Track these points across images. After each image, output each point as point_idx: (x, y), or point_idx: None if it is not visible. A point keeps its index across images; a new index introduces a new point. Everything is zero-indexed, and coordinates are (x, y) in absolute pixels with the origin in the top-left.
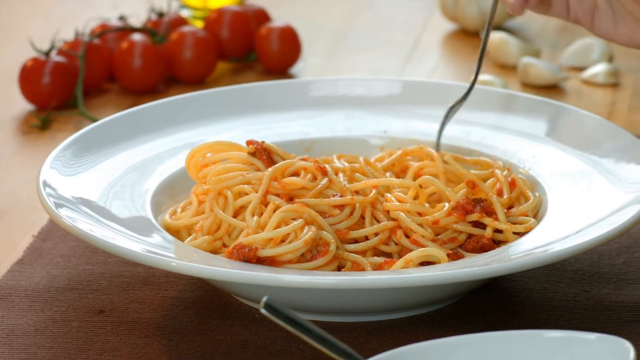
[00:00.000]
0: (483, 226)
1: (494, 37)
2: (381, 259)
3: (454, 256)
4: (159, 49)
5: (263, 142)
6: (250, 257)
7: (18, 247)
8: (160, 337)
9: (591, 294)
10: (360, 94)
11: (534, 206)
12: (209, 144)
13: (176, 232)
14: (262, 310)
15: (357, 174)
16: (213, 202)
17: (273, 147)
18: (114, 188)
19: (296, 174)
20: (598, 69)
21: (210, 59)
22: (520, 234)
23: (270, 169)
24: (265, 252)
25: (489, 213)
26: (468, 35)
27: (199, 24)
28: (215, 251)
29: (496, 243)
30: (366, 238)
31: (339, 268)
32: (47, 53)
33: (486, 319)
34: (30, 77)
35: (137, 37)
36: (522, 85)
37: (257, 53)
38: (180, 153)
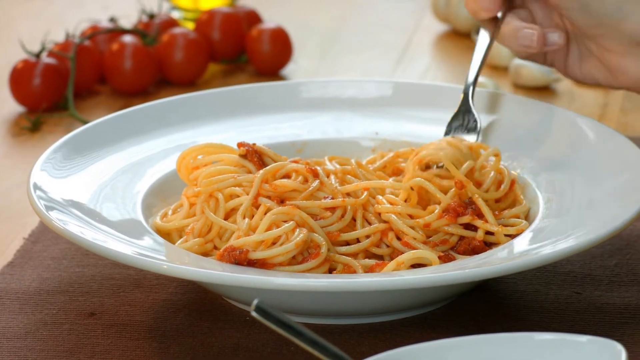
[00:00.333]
0: (475, 228)
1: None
2: (372, 262)
3: (446, 258)
4: (150, 51)
5: (254, 144)
6: (241, 260)
7: (8, 250)
8: (151, 340)
9: (583, 296)
10: (351, 96)
11: (525, 209)
12: (200, 146)
13: (167, 235)
14: (253, 313)
15: (349, 176)
16: (204, 205)
17: (264, 149)
18: (105, 190)
19: (287, 176)
20: None
21: (201, 61)
22: (511, 236)
23: (261, 171)
24: (256, 255)
25: (481, 215)
26: (460, 36)
27: (190, 26)
28: (206, 254)
29: (488, 245)
30: (357, 240)
31: (330, 270)
32: (38, 55)
33: (478, 321)
34: (20, 79)
35: (128, 39)
36: (514, 86)
37: (248, 54)
38: (171, 155)
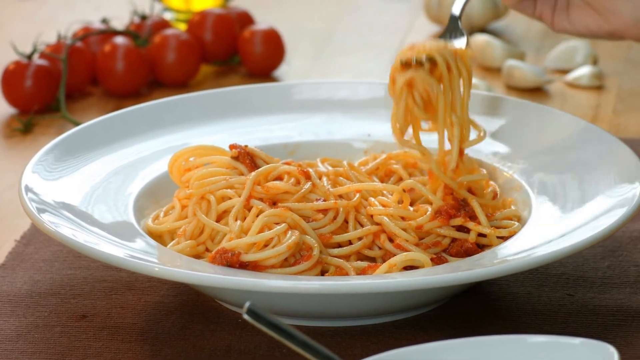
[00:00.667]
0: (467, 230)
1: (479, 40)
2: (365, 264)
3: (438, 260)
4: (142, 52)
5: (246, 146)
6: (233, 262)
7: (0, 252)
8: (143, 342)
9: (575, 298)
10: (343, 97)
11: (517, 212)
12: (192, 148)
13: (159, 237)
14: (245, 315)
15: (341, 178)
16: (196, 207)
17: (256, 151)
18: (97, 192)
19: (279, 178)
20: (582, 72)
21: (193, 62)
22: (504, 238)
23: (253, 173)
24: (248, 257)
25: (473, 217)
26: None
27: (182, 27)
28: (198, 256)
29: (480, 247)
30: (350, 242)
31: (323, 272)
32: (30, 56)
33: (470, 324)
34: (12, 81)
35: (120, 40)
36: (507, 88)
37: (241, 56)
38: (163, 157)
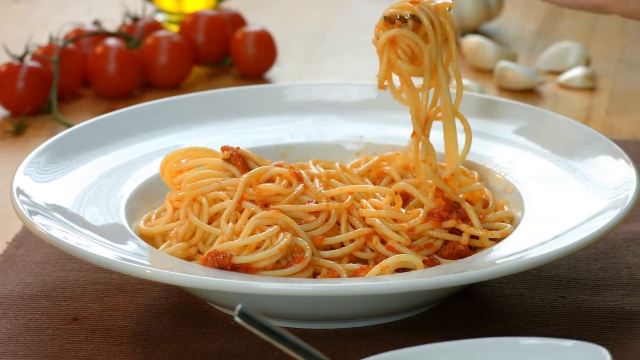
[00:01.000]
0: (459, 232)
1: (471, 41)
2: (357, 266)
3: (430, 262)
4: (134, 54)
5: (238, 148)
6: (225, 264)
7: None
8: (134, 345)
9: (568, 300)
10: (335, 99)
11: (510, 214)
12: (184, 150)
13: (150, 239)
14: (237, 318)
15: (333, 180)
16: (188, 209)
17: (248, 153)
18: (88, 194)
19: (271, 180)
20: (575, 73)
21: (185, 64)
22: (496, 240)
23: (245, 175)
24: (240, 259)
25: (465, 219)
26: None
27: (174, 29)
28: (189, 258)
29: (472, 249)
30: (342, 244)
31: (315, 275)
32: (21, 58)
33: (462, 326)
34: (4, 83)
35: (112, 42)
36: (499, 89)
37: (233, 57)
38: (154, 159)
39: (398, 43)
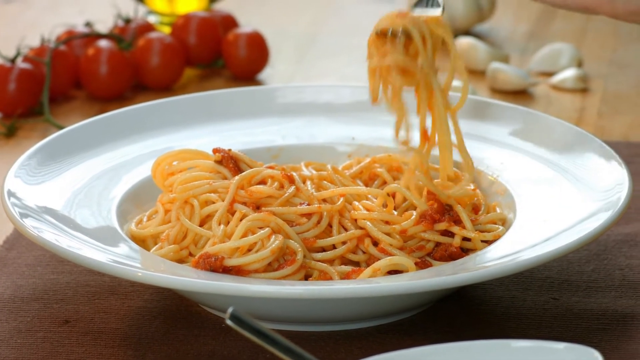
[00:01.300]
0: (452, 234)
1: (463, 43)
2: (349, 268)
3: (422, 265)
4: (126, 56)
5: (230, 150)
6: (216, 267)
7: None
8: (126, 348)
9: (560, 302)
10: (327, 101)
11: (502, 216)
12: (175, 152)
13: (142, 241)
14: (228, 321)
15: (325, 182)
16: (179, 211)
17: (240, 155)
18: (80, 197)
19: (263, 182)
20: (567, 74)
21: (177, 65)
22: (488, 242)
23: (236, 177)
24: (231, 262)
25: (458, 221)
26: None
27: (166, 30)
28: (181, 260)
29: (464, 251)
30: (334, 247)
31: (306, 277)
32: (13, 60)
33: (454, 328)
34: None
35: (104, 44)
36: (491, 90)
37: (225, 59)
38: (146, 161)
39: (391, 69)
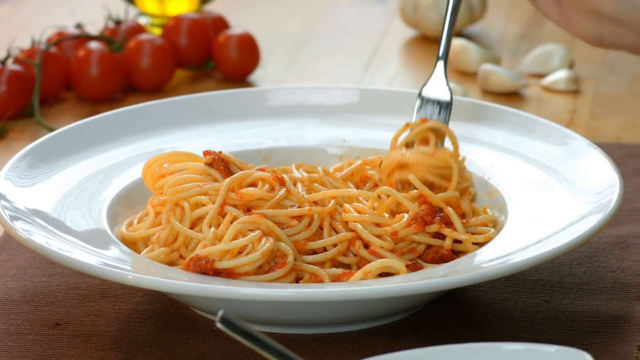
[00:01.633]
0: (443, 237)
1: (454, 44)
2: (340, 270)
3: (413, 267)
4: (117, 57)
5: (220, 152)
6: (207, 269)
7: None
8: (116, 351)
9: (552, 304)
10: (318, 103)
11: (493, 218)
12: (166, 155)
13: (132, 244)
14: (218, 324)
15: (316, 184)
16: (170, 214)
17: (230, 157)
18: (70, 199)
19: (254, 185)
20: (558, 76)
21: (168, 67)
22: (480, 244)
23: (227, 180)
24: (222, 264)
25: (449, 223)
26: (428, 41)
27: (157, 32)
28: (172, 263)
29: (456, 254)
30: (324, 249)
31: (297, 280)
32: (3, 62)
33: (446, 331)
34: None
35: (94, 45)
36: (483, 92)
37: (216, 61)
38: (137, 163)
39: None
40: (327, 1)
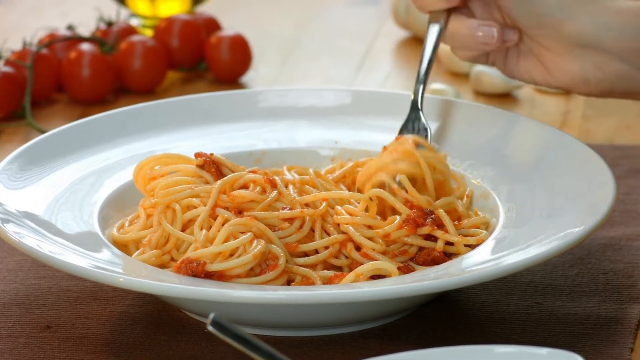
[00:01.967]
0: (435, 238)
1: (446, 46)
2: (331, 273)
3: (405, 269)
4: (108, 59)
5: (212, 155)
6: (198, 272)
7: None
8: (107, 353)
9: (544, 306)
10: (310, 104)
11: (485, 219)
12: (157, 157)
13: (124, 246)
14: (210, 327)
15: (307, 187)
16: (161, 216)
17: (222, 160)
18: (61, 202)
19: (245, 187)
20: None
21: (160, 69)
22: (472, 246)
23: (218, 182)
24: (213, 267)
25: (441, 225)
26: (420, 42)
27: (149, 33)
28: (163, 265)
29: (447, 256)
30: (316, 251)
31: (289, 282)
32: None
33: (438, 333)
34: None
35: (86, 47)
36: (475, 93)
37: (208, 62)
38: (128, 166)
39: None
40: (319, 3)
